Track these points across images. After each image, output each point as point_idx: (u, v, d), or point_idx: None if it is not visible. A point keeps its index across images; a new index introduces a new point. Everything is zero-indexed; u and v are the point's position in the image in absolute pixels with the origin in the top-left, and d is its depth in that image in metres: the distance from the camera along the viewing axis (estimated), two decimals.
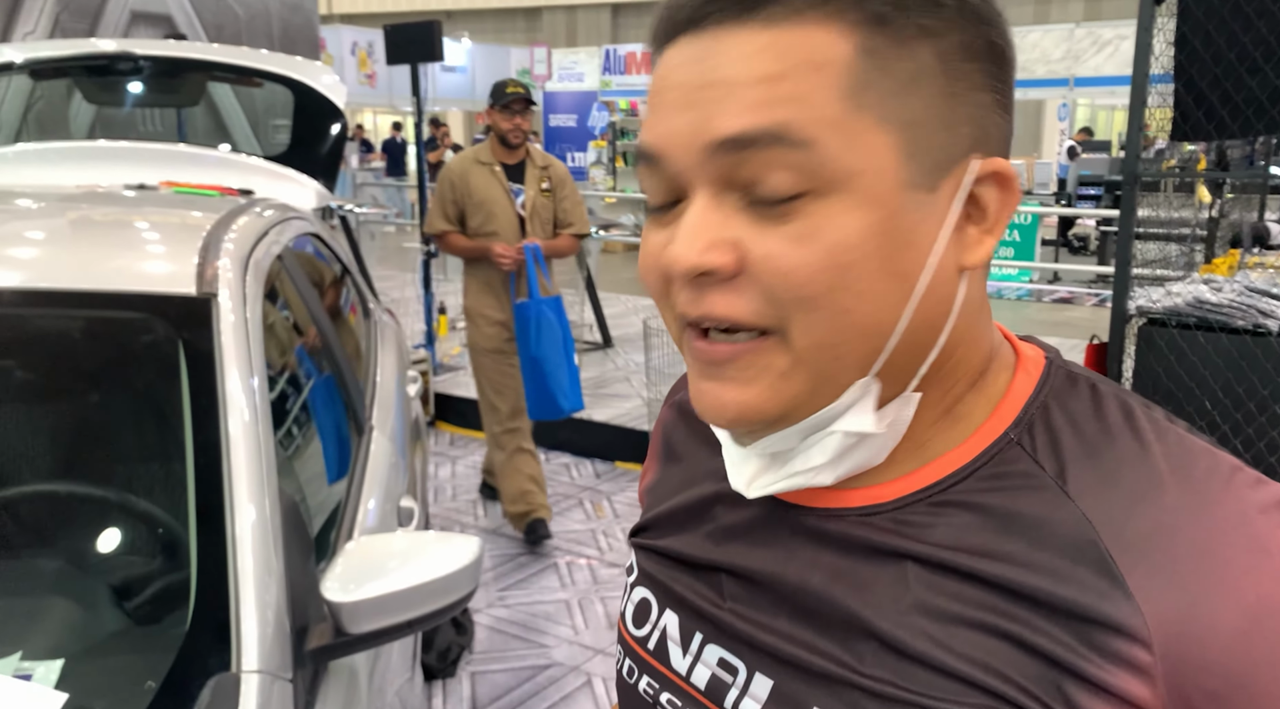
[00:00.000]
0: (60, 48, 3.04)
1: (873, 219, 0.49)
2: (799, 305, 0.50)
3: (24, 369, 1.56)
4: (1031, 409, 0.56)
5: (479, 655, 3.11)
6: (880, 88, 0.50)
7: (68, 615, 1.27)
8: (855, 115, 0.49)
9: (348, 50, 15.33)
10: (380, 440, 2.13)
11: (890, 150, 0.50)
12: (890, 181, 0.50)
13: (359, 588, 1.32)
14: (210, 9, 6.30)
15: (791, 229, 0.49)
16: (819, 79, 0.49)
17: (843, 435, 0.54)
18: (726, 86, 0.50)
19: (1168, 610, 0.48)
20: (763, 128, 0.49)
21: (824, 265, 0.49)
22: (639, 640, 0.66)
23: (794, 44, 0.49)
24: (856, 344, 0.51)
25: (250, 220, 1.90)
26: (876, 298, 0.50)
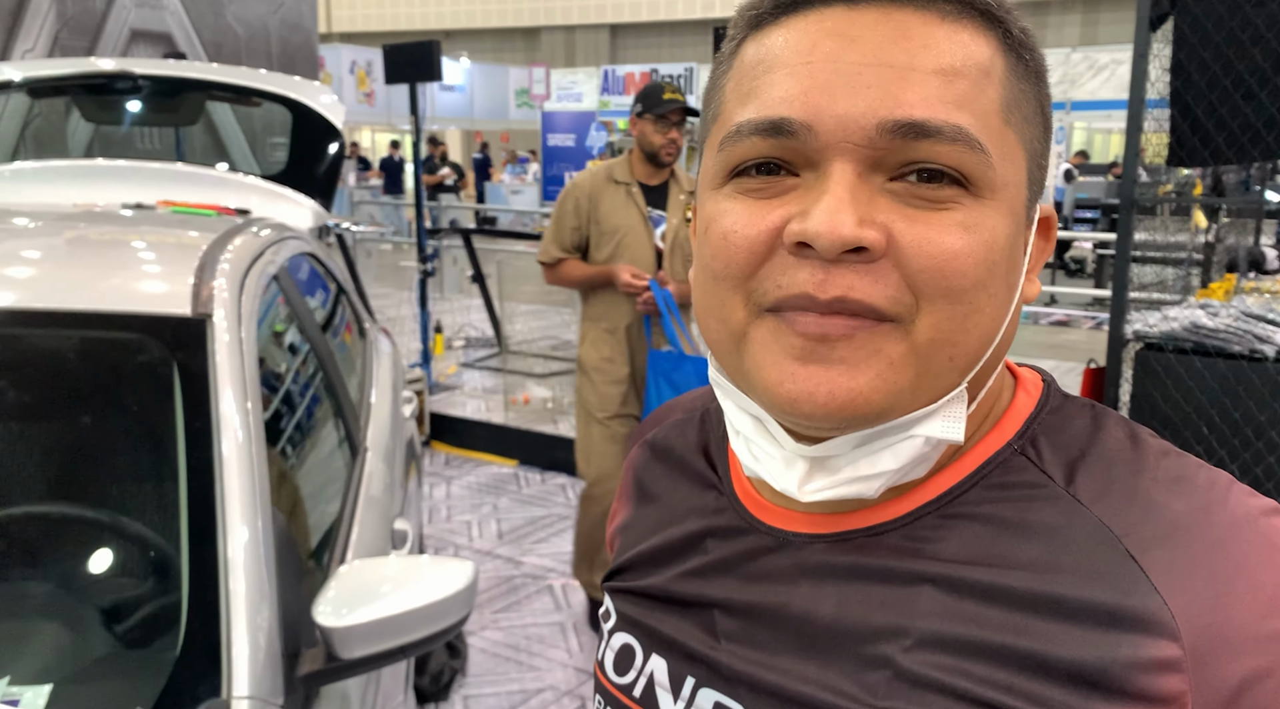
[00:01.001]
0: (60, 66, 3.04)
1: (1013, 229, 0.52)
2: (943, 294, 0.49)
3: (17, 389, 1.55)
4: (1034, 424, 0.56)
5: (472, 679, 3.08)
6: (1023, 111, 0.52)
7: (57, 639, 1.25)
8: (1007, 130, 0.51)
9: (346, 69, 15.40)
10: (374, 462, 2.12)
11: (1024, 172, 0.53)
12: (1023, 201, 0.53)
13: (351, 613, 1.31)
14: (210, 27, 6.33)
15: (950, 217, 0.49)
16: (988, 86, 0.50)
17: (924, 441, 0.52)
18: (905, 69, 0.48)
19: (1193, 602, 0.48)
20: (950, 124, 0.48)
21: (981, 258, 0.49)
22: (622, 688, 0.63)
23: (967, 43, 0.50)
24: (972, 345, 0.51)
25: (246, 240, 1.90)
26: (998, 303, 0.51)
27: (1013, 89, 0.51)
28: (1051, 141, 0.58)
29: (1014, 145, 0.51)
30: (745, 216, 0.50)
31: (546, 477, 4.93)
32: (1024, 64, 0.53)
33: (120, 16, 5.86)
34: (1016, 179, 0.52)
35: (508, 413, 5.58)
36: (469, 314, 8.25)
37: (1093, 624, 0.49)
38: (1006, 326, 0.53)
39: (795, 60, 0.50)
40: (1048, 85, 0.56)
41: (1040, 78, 0.54)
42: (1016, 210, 0.52)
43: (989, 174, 0.49)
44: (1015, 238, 0.52)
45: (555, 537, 4.18)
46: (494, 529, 4.27)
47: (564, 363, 6.62)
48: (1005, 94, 0.51)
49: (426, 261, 5.98)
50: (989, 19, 0.51)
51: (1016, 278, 0.53)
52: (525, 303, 6.94)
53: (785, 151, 0.50)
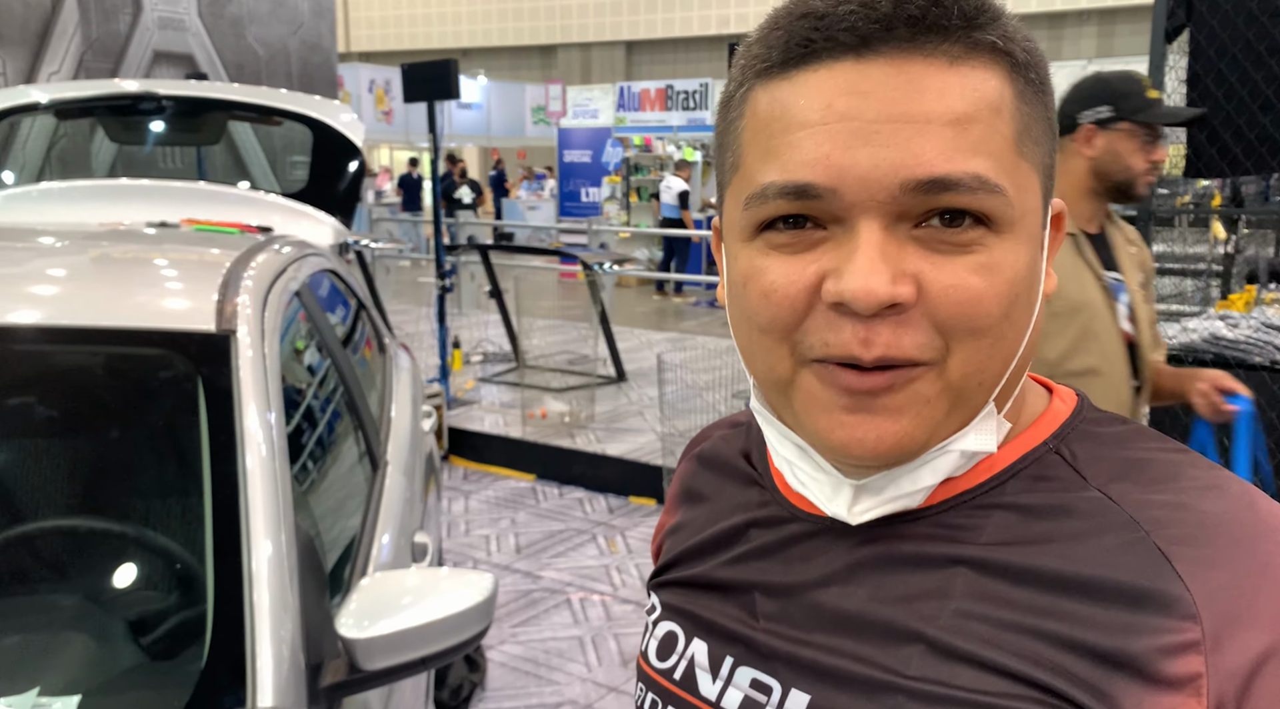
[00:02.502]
0: (85, 88, 3.10)
1: (1031, 256, 0.54)
2: (970, 334, 0.51)
3: (46, 405, 1.58)
4: (1069, 428, 0.59)
5: (491, 693, 3.09)
6: (1033, 134, 0.54)
7: (84, 650, 1.27)
8: (1020, 161, 0.53)
9: (365, 88, 15.55)
10: (395, 476, 2.14)
11: (1038, 194, 0.55)
12: (1038, 222, 0.55)
13: (373, 625, 1.32)
14: (231, 49, 6.42)
15: (973, 260, 0.51)
16: (999, 123, 0.52)
17: (959, 454, 0.56)
18: (919, 123, 0.50)
19: (1215, 591, 0.50)
20: (970, 174, 0.50)
21: (1003, 295, 0.52)
22: (663, 673, 0.66)
23: (977, 84, 0.51)
24: (998, 370, 0.54)
25: (269, 257, 1.93)
26: (1021, 326, 0.54)
27: (1022, 116, 0.53)
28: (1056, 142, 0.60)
29: (1028, 173, 0.53)
30: (783, 275, 0.53)
31: (564, 491, 4.94)
32: (1031, 84, 0.54)
33: (143, 39, 5.95)
34: (1033, 204, 0.54)
35: (525, 427, 5.59)
36: (486, 329, 8.28)
37: (1118, 606, 0.50)
38: (1034, 333, 0.56)
39: (813, 119, 0.51)
40: (1052, 91, 0.57)
41: (1045, 88, 0.56)
42: (1035, 233, 0.54)
43: (1009, 212, 0.52)
44: (1035, 259, 0.54)
45: (573, 551, 4.18)
46: (512, 543, 4.28)
47: (581, 377, 6.64)
48: (1016, 125, 0.53)
49: (445, 277, 6.02)
50: (995, 50, 0.52)
51: (1036, 294, 0.55)
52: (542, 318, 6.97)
53: (811, 210, 0.52)
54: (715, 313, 10.42)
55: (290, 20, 6.79)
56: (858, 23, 0.50)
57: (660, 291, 11.55)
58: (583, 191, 14.53)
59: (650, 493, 4.70)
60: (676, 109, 14.45)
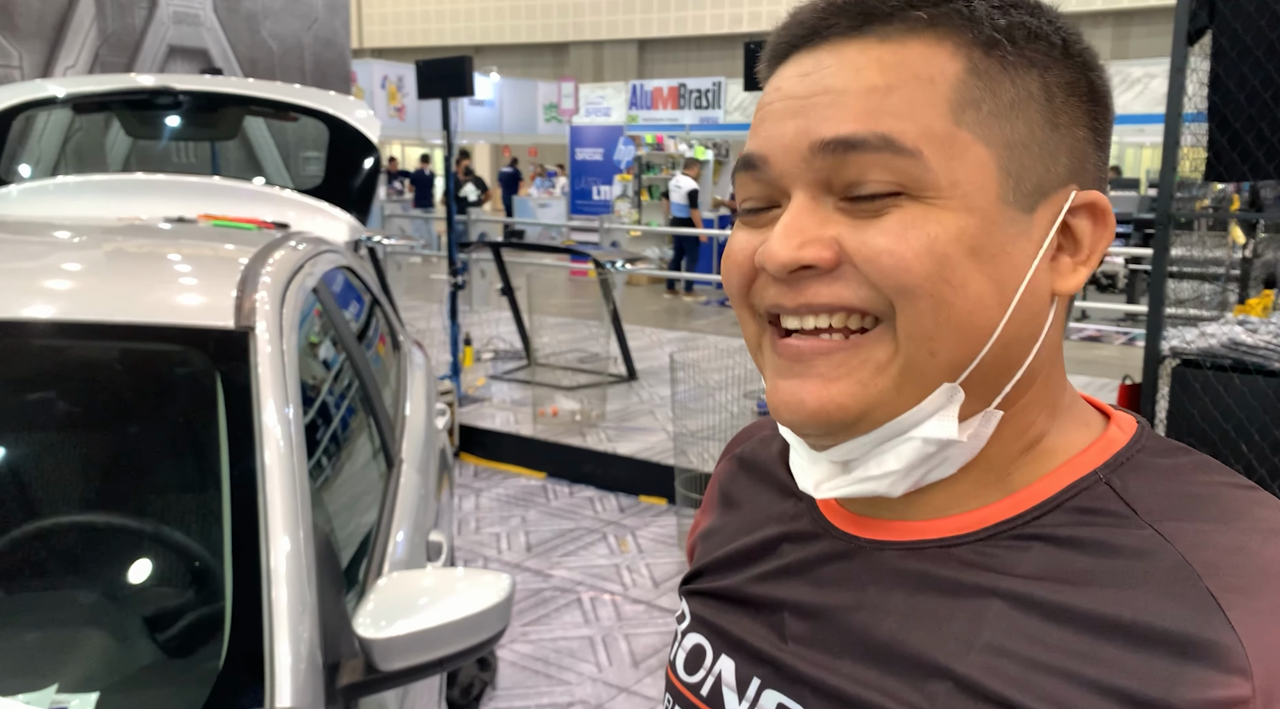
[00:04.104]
0: (103, 82, 3.10)
1: (967, 222, 0.52)
2: (897, 291, 0.52)
3: (65, 400, 1.58)
4: (1123, 457, 0.56)
5: (502, 692, 3.08)
6: (985, 107, 0.53)
7: (103, 647, 1.27)
8: (959, 131, 0.52)
9: (378, 84, 15.56)
10: (410, 473, 2.14)
11: (989, 166, 0.53)
12: (988, 195, 0.53)
13: (391, 625, 1.32)
14: (245, 43, 6.43)
15: (888, 222, 0.52)
16: (928, 93, 0.52)
17: (922, 442, 0.54)
18: (836, 93, 0.53)
19: (1271, 644, 0.47)
20: (870, 132, 0.52)
21: (919, 254, 0.51)
22: (691, 687, 0.65)
23: (906, 58, 0.53)
24: (953, 340, 0.53)
25: (286, 254, 1.92)
26: (973, 296, 0.52)
27: (971, 87, 0.53)
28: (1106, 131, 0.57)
29: (970, 143, 0.52)
30: (740, 242, 0.57)
31: (575, 489, 4.93)
32: (1003, 61, 0.53)
33: (158, 33, 5.96)
34: (973, 175, 0.52)
35: (536, 425, 5.59)
36: (498, 326, 8.28)
37: (1162, 653, 0.48)
38: (1019, 322, 0.53)
39: (769, 102, 0.57)
40: (1074, 70, 0.55)
41: (1034, 65, 0.54)
42: (979, 204, 0.52)
43: (926, 176, 0.51)
44: (984, 230, 0.52)
45: (584, 550, 4.18)
46: (523, 541, 4.28)
47: (591, 375, 6.63)
48: (957, 95, 0.52)
49: (457, 274, 6.02)
50: (940, 25, 0.53)
51: (1009, 273, 0.53)
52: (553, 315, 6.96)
53: (763, 183, 0.56)
54: (725, 312, 10.40)
55: (304, 16, 6.80)
56: (812, 17, 0.55)
57: (671, 290, 11.54)
58: (594, 189, 14.52)
59: (661, 492, 4.69)
60: (689, 107, 14.43)
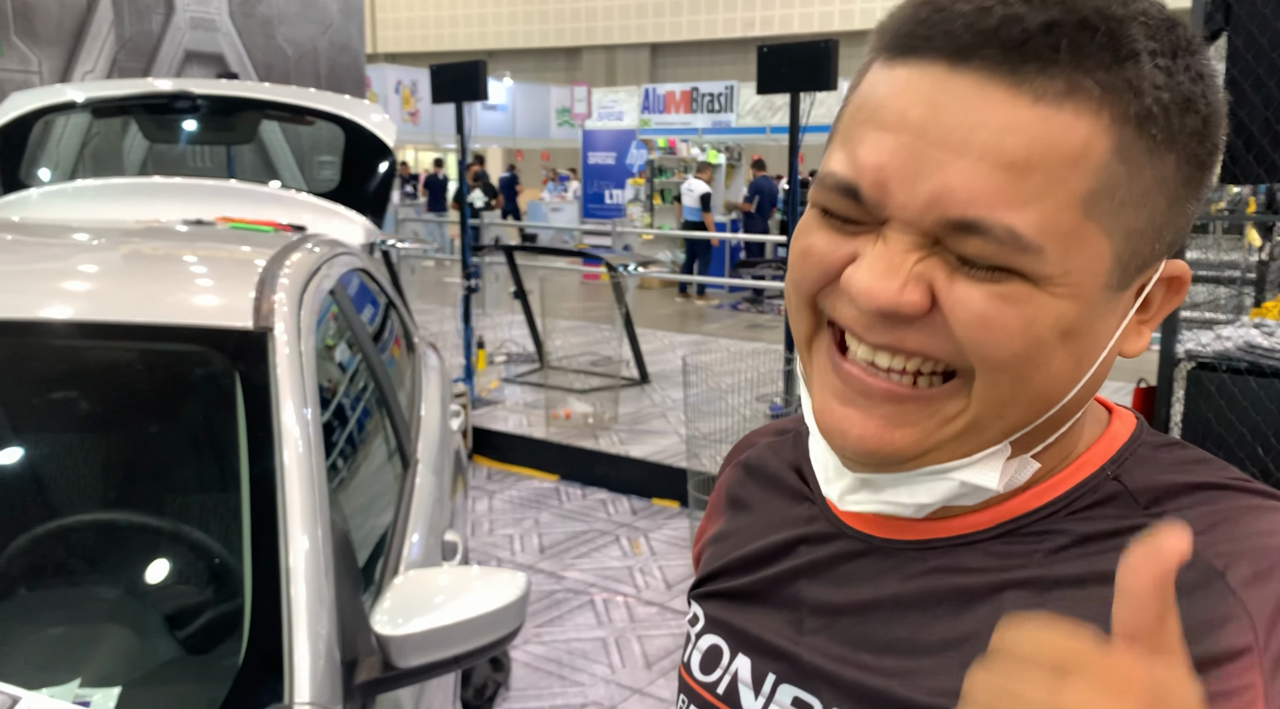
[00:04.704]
0: (121, 87, 3.13)
1: (1069, 308, 0.50)
2: (983, 361, 0.50)
3: (87, 399, 1.60)
4: (1127, 452, 0.58)
5: (515, 692, 3.09)
6: (1119, 195, 0.49)
7: (125, 643, 1.28)
8: (1086, 223, 0.49)
9: (392, 89, 15.63)
10: (425, 474, 2.15)
11: (1105, 257, 0.50)
12: (1096, 284, 0.51)
13: (407, 622, 1.33)
14: (260, 49, 6.47)
15: (991, 289, 0.49)
16: (1067, 177, 0.48)
17: (960, 483, 0.55)
18: (973, 157, 0.48)
19: (1266, 598, 0.49)
20: (998, 223, 0.47)
21: (1014, 333, 0.49)
22: (707, 686, 0.66)
23: (1055, 131, 0.47)
24: (1024, 408, 0.53)
25: (303, 256, 1.94)
26: (1054, 373, 0.52)
27: (1112, 174, 0.48)
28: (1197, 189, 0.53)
29: (1093, 235, 0.49)
30: (822, 241, 0.53)
31: (587, 492, 4.94)
32: (1150, 141, 0.49)
33: (175, 38, 6.01)
34: (1087, 265, 0.49)
35: (549, 428, 5.60)
36: (510, 330, 8.31)
37: None
38: (1083, 387, 0.54)
39: (888, 123, 0.50)
40: (1209, 139, 0.51)
41: (1175, 144, 0.50)
42: (1085, 293, 0.50)
43: (1043, 268, 0.48)
44: (1081, 315, 0.50)
45: (596, 552, 4.19)
46: (535, 543, 4.29)
47: (604, 378, 6.64)
48: (1096, 183, 0.48)
49: (470, 278, 6.04)
50: (1104, 96, 0.47)
51: (1091, 349, 0.53)
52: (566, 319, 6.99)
53: (858, 211, 0.52)
54: (738, 315, 10.40)
55: (319, 21, 6.85)
56: (960, 28, 0.48)
57: (683, 294, 11.55)
58: (607, 193, 14.53)
59: (673, 495, 4.70)
60: (701, 111, 14.43)
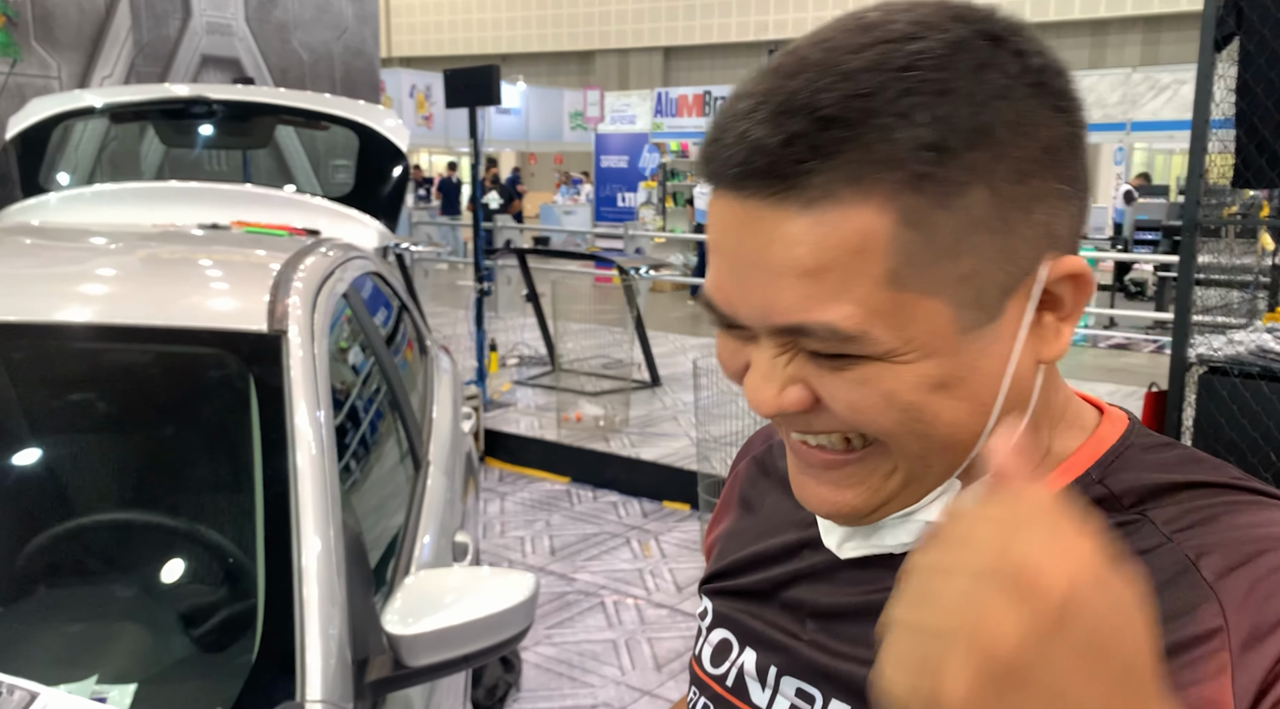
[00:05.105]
0: (139, 92, 3.17)
1: (929, 367, 0.51)
2: (877, 435, 0.53)
3: (104, 401, 1.62)
4: (1113, 455, 0.59)
5: (526, 693, 3.11)
6: (925, 256, 0.49)
7: (140, 641, 1.31)
8: (901, 295, 0.49)
9: (406, 93, 15.71)
10: (436, 476, 2.17)
11: (941, 312, 0.50)
12: (946, 336, 0.51)
13: (418, 621, 1.34)
14: (276, 53, 6.52)
15: (849, 376, 0.51)
16: (860, 266, 0.49)
17: (926, 523, 0.57)
18: (774, 274, 0.50)
19: (1236, 585, 0.50)
20: (814, 323, 0.50)
21: (881, 408, 0.52)
22: (717, 679, 0.68)
23: (832, 229, 0.48)
24: (945, 455, 0.55)
25: (317, 260, 1.96)
26: (951, 421, 0.53)
27: (906, 243, 0.48)
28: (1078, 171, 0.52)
29: (914, 301, 0.49)
30: (726, 351, 0.57)
31: (598, 494, 4.96)
32: (931, 194, 0.48)
33: (192, 43, 6.06)
34: (925, 326, 0.50)
35: (560, 430, 5.62)
36: (523, 333, 8.33)
37: None
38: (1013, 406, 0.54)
39: (717, 246, 0.53)
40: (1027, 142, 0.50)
41: (973, 179, 0.49)
42: (939, 347, 0.50)
43: (878, 347, 0.50)
44: (947, 366, 0.51)
45: (607, 554, 4.20)
46: (546, 545, 4.31)
47: (615, 381, 6.66)
48: (892, 259, 0.48)
49: (483, 281, 6.07)
50: (865, 177, 0.48)
51: (983, 383, 0.52)
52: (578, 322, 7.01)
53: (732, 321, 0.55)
54: None
55: (334, 25, 6.89)
56: (724, 167, 0.51)
57: (695, 297, 11.56)
58: (619, 197, 14.57)
59: (684, 498, 4.71)
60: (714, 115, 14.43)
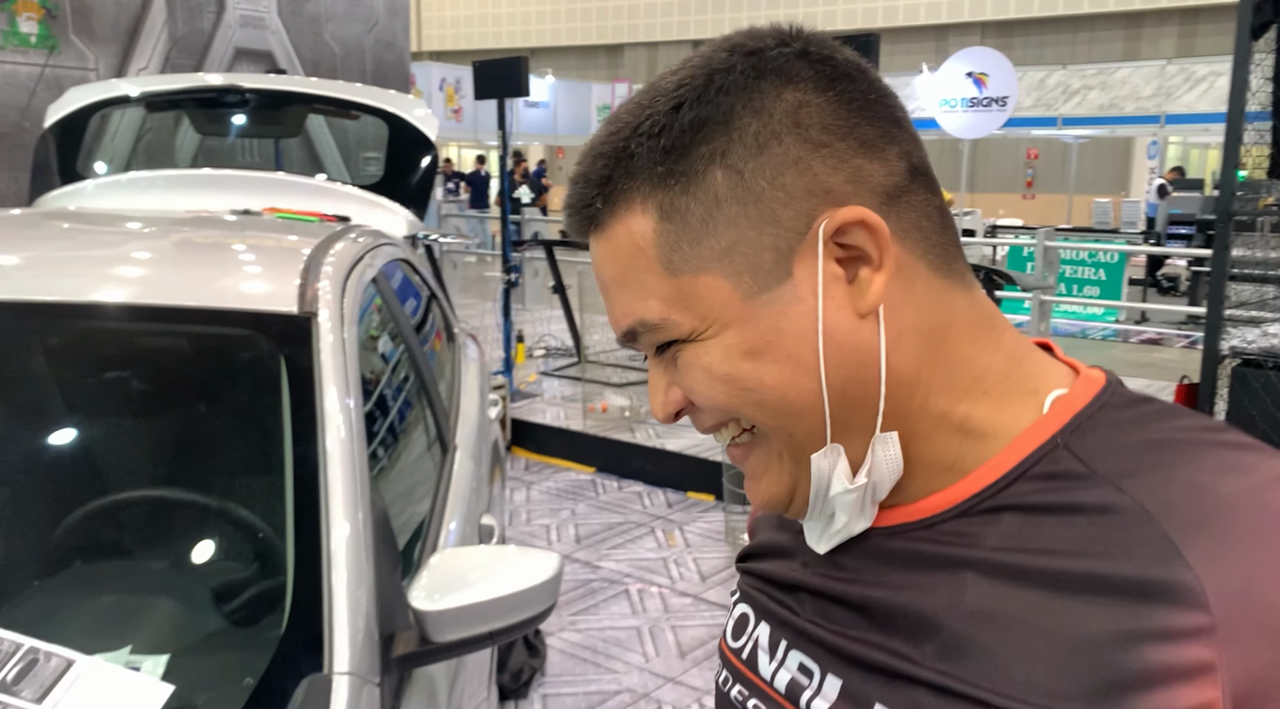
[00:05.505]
0: (174, 81, 3.22)
1: (729, 339, 0.58)
2: (724, 413, 0.61)
3: (139, 379, 1.65)
4: (1083, 417, 0.58)
5: (551, 678, 3.13)
6: (685, 241, 0.57)
7: (173, 614, 1.33)
8: (680, 279, 0.58)
9: (436, 86, 15.78)
10: (463, 460, 2.19)
11: (719, 284, 0.57)
12: (733, 305, 0.57)
13: (444, 598, 1.36)
14: (308, 46, 6.58)
15: (681, 363, 0.60)
16: (644, 264, 0.58)
17: (841, 496, 0.60)
18: (606, 292, 0.62)
19: (1225, 577, 0.49)
20: (633, 322, 0.60)
21: (707, 384, 0.59)
22: (735, 651, 0.72)
23: (617, 241, 0.59)
24: (794, 422, 0.59)
25: (347, 245, 1.99)
26: (773, 385, 0.57)
27: (666, 233, 0.57)
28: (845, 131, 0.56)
29: (691, 281, 0.57)
30: (650, 391, 0.65)
31: (624, 484, 4.97)
32: (673, 187, 0.57)
33: (226, 36, 6.14)
34: (710, 300, 0.57)
35: (586, 420, 5.65)
36: (549, 324, 8.36)
37: (1124, 600, 0.50)
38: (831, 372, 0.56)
39: None
40: (760, 118, 0.56)
41: (706, 168, 0.56)
42: (729, 317, 0.57)
43: (680, 329, 0.58)
44: (745, 333, 0.57)
45: (631, 543, 4.22)
46: (572, 533, 4.33)
47: (641, 373, 6.67)
48: (661, 251, 0.57)
49: (510, 272, 6.10)
50: (627, 193, 0.58)
51: (795, 342, 0.56)
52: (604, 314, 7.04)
53: None
54: None
55: (365, 19, 6.95)
56: (566, 217, 0.62)
57: None
58: None
59: (709, 489, 4.72)
60: None
